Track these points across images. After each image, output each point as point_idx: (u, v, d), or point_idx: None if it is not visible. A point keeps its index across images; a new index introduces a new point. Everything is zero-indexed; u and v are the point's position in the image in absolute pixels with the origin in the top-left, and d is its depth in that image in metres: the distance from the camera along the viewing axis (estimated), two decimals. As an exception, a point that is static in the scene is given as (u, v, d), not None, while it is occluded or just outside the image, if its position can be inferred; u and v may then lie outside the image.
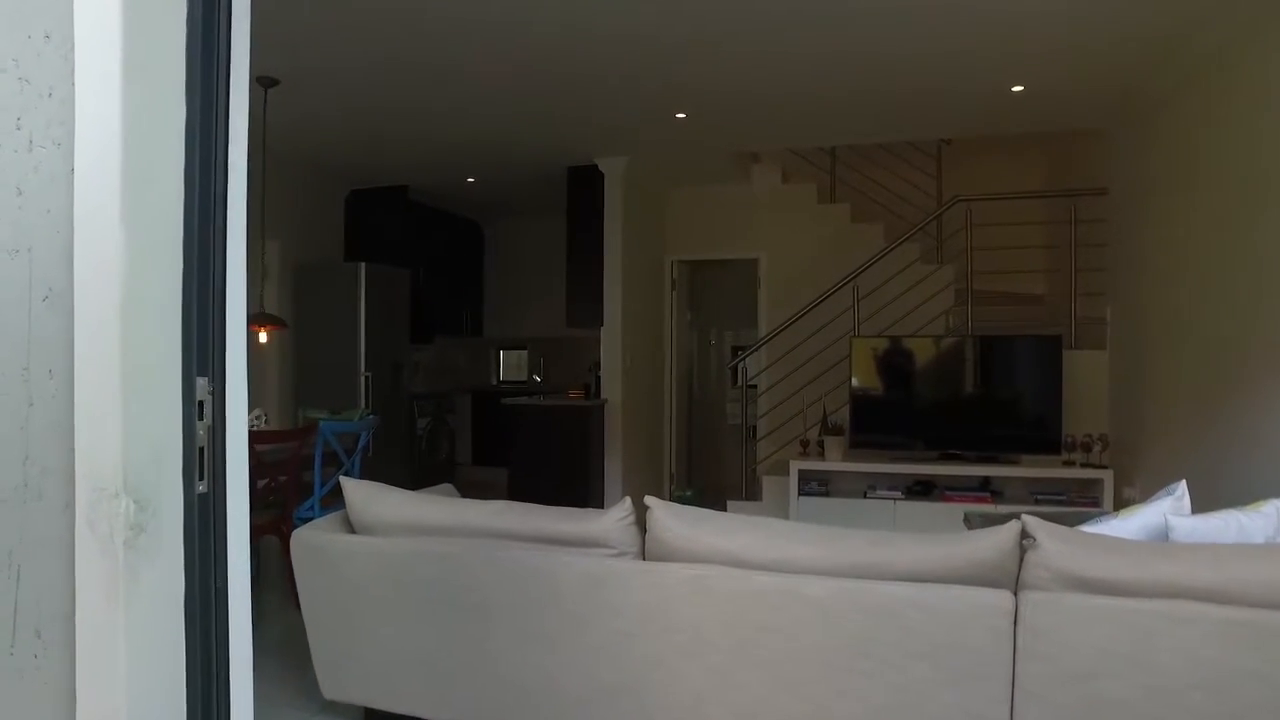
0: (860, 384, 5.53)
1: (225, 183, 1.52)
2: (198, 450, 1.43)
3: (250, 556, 3.92)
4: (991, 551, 1.96)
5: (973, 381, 5.35)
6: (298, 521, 4.14)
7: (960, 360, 5.39)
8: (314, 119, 5.13)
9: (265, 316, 4.26)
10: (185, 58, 1.40)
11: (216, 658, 1.46)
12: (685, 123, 5.20)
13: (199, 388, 1.44)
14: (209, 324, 1.48)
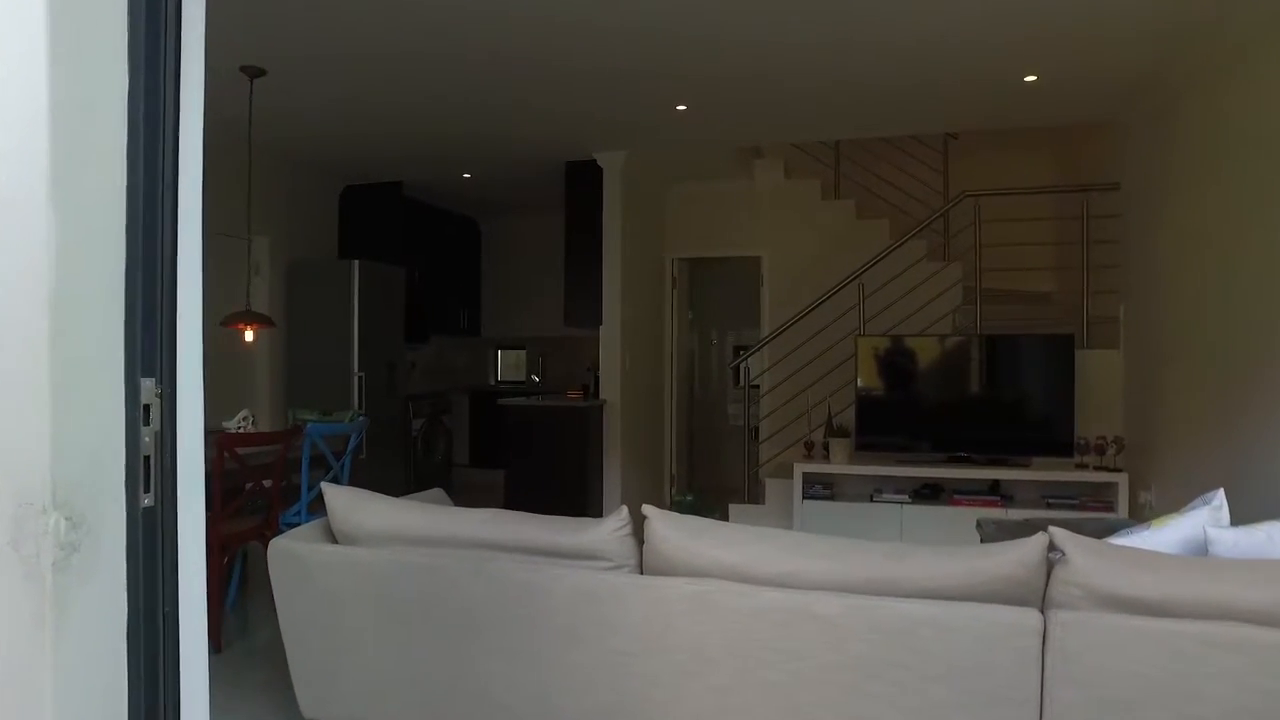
0: (866, 384, 5.38)
1: (175, 163, 1.37)
2: (143, 459, 1.28)
3: (236, 562, 3.76)
4: (1016, 567, 1.81)
5: (981, 382, 5.20)
6: (284, 527, 3.99)
7: (969, 360, 5.24)
8: (305, 112, 4.99)
9: (252, 315, 4.12)
10: (127, 19, 1.25)
11: (165, 692, 1.32)
12: (686, 115, 5.06)
13: (144, 390, 1.29)
14: (157, 319, 1.34)
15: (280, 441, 3.73)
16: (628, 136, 5.54)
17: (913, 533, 5.02)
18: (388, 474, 6.48)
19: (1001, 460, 5.11)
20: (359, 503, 2.54)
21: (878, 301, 5.95)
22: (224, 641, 3.55)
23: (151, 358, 1.32)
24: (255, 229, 6.11)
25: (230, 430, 4.47)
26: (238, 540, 3.63)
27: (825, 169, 6.84)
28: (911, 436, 5.30)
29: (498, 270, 8.68)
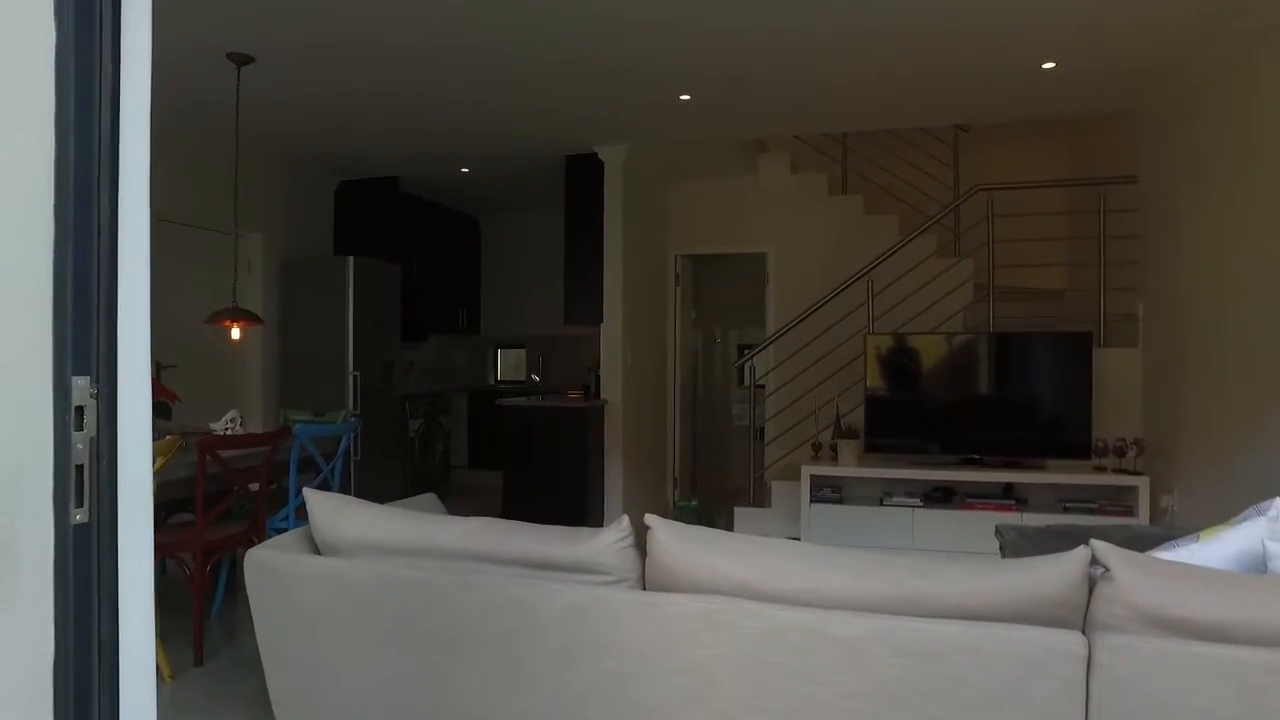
0: (875, 384, 5.22)
1: (114, 131, 1.22)
2: (74, 469, 1.13)
3: (222, 569, 3.59)
4: (1056, 584, 1.65)
5: (995, 382, 5.04)
6: (271, 532, 3.84)
7: (981, 359, 5.08)
8: (297, 103, 4.83)
9: (238, 311, 3.97)
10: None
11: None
12: (689, 106, 4.89)
13: (76, 389, 1.13)
14: (92, 309, 1.18)
15: (267, 444, 3.57)
16: (630, 129, 5.38)
17: (924, 538, 4.86)
18: (384, 476, 6.32)
19: (1016, 463, 4.94)
20: (343, 510, 2.38)
21: (887, 299, 5.80)
22: (207, 652, 3.39)
23: (85, 353, 1.17)
24: (248, 225, 5.97)
25: (217, 432, 4.32)
26: (222, 547, 3.48)
27: (832, 163, 6.68)
28: (922, 438, 5.13)
29: (497, 268, 8.52)
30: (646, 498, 6.33)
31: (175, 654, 3.34)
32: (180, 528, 3.50)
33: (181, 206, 5.38)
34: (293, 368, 6.16)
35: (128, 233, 1.21)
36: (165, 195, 5.40)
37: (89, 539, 1.14)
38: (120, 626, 1.17)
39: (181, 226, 5.52)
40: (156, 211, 4.50)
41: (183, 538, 3.36)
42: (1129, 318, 5.23)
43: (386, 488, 6.31)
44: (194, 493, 3.30)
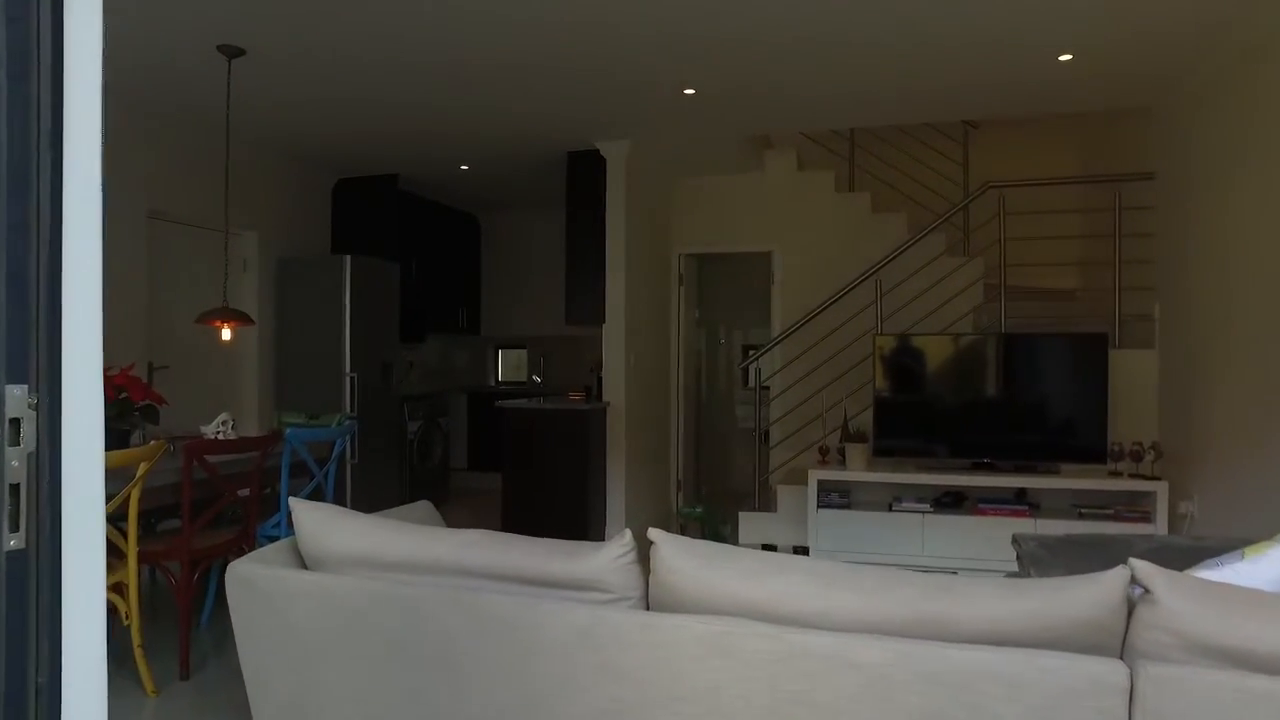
0: (884, 386, 5.08)
1: (55, 117, 1.09)
2: (8, 488, 1.01)
3: (212, 575, 3.46)
4: (1093, 607, 1.52)
5: (1007, 384, 4.90)
6: (262, 539, 3.72)
7: (993, 361, 4.94)
8: (291, 98, 4.71)
9: (228, 311, 3.84)
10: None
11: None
12: (694, 101, 4.77)
13: (10, 399, 1.01)
14: (30, 312, 1.06)
15: (257, 448, 3.45)
16: (632, 124, 5.25)
17: (935, 544, 4.73)
18: (381, 479, 6.21)
19: (1028, 467, 4.81)
20: (330, 521, 2.25)
21: (895, 299, 5.67)
22: (194, 664, 3.27)
23: (22, 359, 1.05)
24: (243, 223, 5.86)
25: (208, 436, 4.20)
26: (210, 555, 3.35)
27: (839, 160, 6.55)
28: (932, 442, 5.00)
29: (498, 267, 8.40)
30: (649, 502, 6.20)
31: (160, 666, 3.22)
32: (167, 535, 3.38)
33: (176, 204, 5.27)
34: (289, 369, 6.05)
35: (74, 223, 1.09)
36: (160, 192, 5.30)
37: (25, 567, 1.02)
38: (63, 670, 1.05)
39: (176, 224, 5.41)
40: (150, 209, 4.37)
41: (169, 546, 3.24)
42: (1144, 318, 5.10)
43: (384, 491, 6.19)
44: (181, 499, 3.18)
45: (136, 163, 5.01)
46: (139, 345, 5.03)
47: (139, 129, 4.99)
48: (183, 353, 5.39)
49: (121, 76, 4.28)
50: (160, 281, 5.29)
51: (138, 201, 5.02)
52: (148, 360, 5.14)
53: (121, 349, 4.92)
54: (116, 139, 4.88)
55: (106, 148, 1.22)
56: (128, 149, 4.94)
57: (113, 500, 2.88)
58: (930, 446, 5.00)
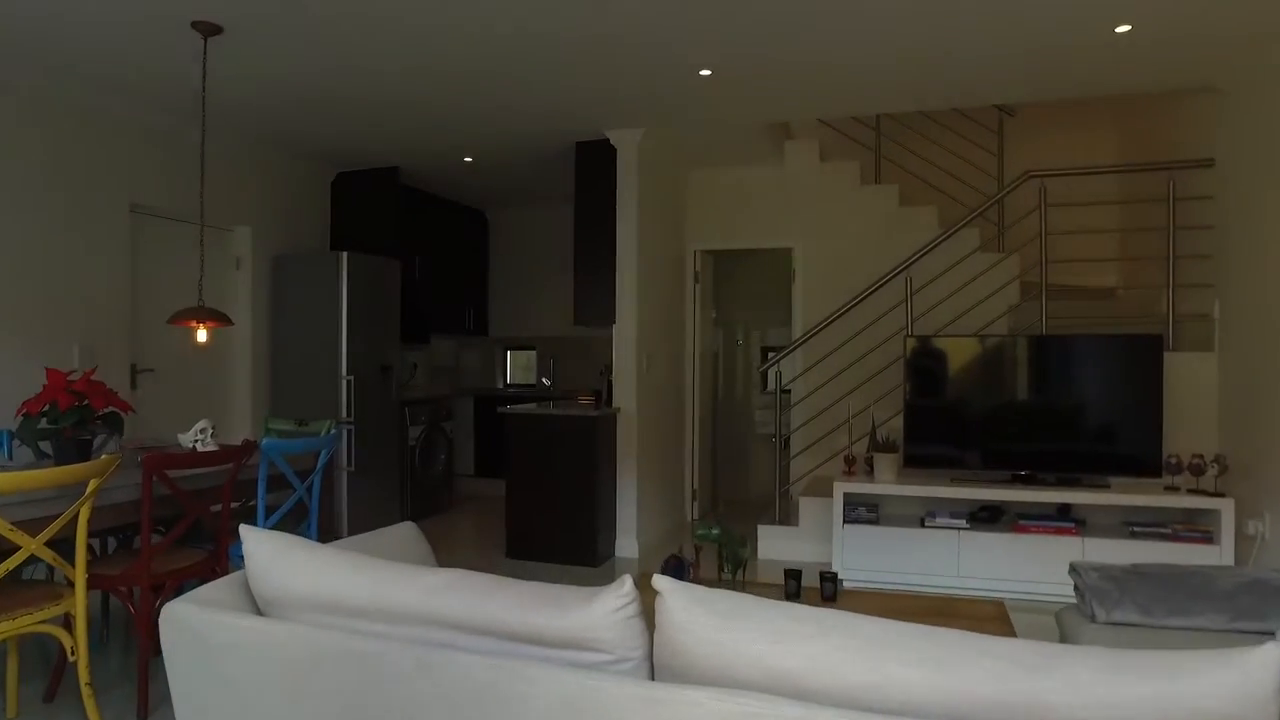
0: (916, 392, 4.71)
1: None
2: None
3: None
4: (1235, 700, 1.16)
5: (1050, 390, 4.51)
6: (235, 560, 3.40)
7: (1034, 364, 4.56)
8: (279, 83, 4.40)
9: (204, 311, 3.53)
10: None
11: None
12: (710, 84, 4.42)
13: None
14: None
15: (227, 461, 3.13)
16: (644, 110, 4.91)
17: (972, 564, 4.35)
18: (379, 488, 5.89)
19: (1073, 480, 4.42)
20: (284, 555, 1.92)
21: (925, 298, 5.31)
22: (153, 703, 2.95)
23: None
24: (235, 218, 5.57)
25: (185, 445, 3.90)
26: (176, 579, 3.04)
27: (865, 151, 6.18)
28: (967, 451, 4.62)
29: (506, 265, 8.08)
30: (662, 513, 5.86)
31: (116, 706, 2.91)
32: (125, 556, 3.07)
33: (161, 197, 4.97)
34: (283, 372, 5.74)
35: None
36: (143, 185, 5.02)
37: None
38: None
39: (163, 219, 5.11)
40: (132, 203, 3.93)
41: (127, 569, 2.92)
42: (1200, 318, 4.70)
43: (382, 502, 5.88)
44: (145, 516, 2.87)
45: (117, 154, 4.72)
46: (122, 347, 4.74)
47: (117, 117, 4.70)
48: (170, 355, 5.10)
49: (96, 60, 3.99)
50: (146, 280, 4.99)
51: (118, 195, 4.73)
52: (131, 363, 4.86)
53: (104, 351, 4.63)
54: (94, 128, 4.62)
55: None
56: (106, 139, 4.65)
57: (57, 520, 2.57)
58: (965, 457, 4.62)
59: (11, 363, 4.16)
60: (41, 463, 3.22)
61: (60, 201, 4.40)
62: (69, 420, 3.06)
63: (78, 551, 2.66)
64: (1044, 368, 4.54)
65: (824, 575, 3.15)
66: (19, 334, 4.21)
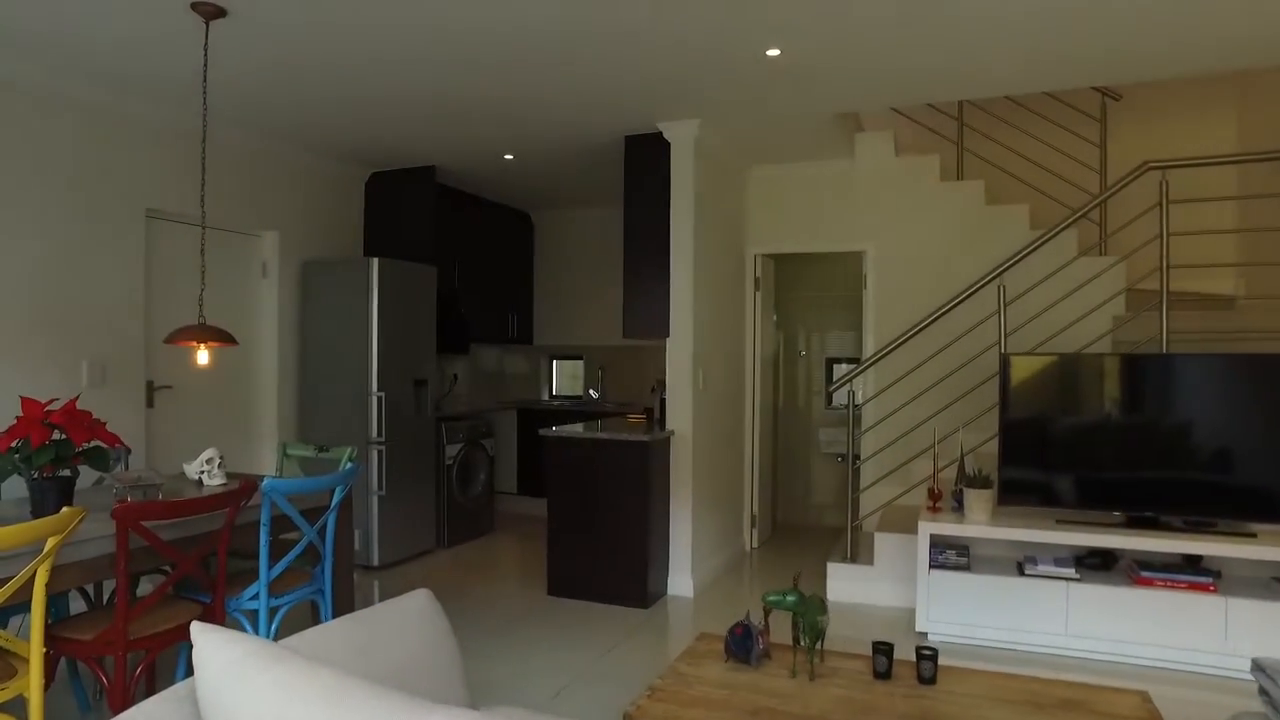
0: (1013, 418, 4.10)
1: None
2: None
3: (181, 660, 2.63)
4: None
5: (1175, 418, 3.86)
6: (235, 617, 2.98)
7: (1157, 388, 3.91)
8: (298, 75, 3.98)
9: (206, 330, 3.12)
10: None
11: None
12: (777, 67, 3.88)
13: None
14: None
15: (222, 506, 2.71)
16: (702, 99, 4.39)
17: (1085, 622, 3.72)
18: (413, 513, 5.48)
19: (1207, 524, 3.77)
20: (241, 676, 1.46)
21: (1019, 309, 4.69)
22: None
23: None
24: (263, 222, 5.20)
25: (190, 477, 3.50)
26: (160, 643, 2.62)
27: (945, 144, 5.56)
28: (1074, 488, 4.00)
29: (552, 269, 7.63)
30: (719, 544, 5.33)
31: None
32: (103, 614, 2.66)
33: (181, 203, 4.61)
34: (310, 387, 5.36)
35: None
36: (161, 190, 4.67)
37: None
38: None
39: (181, 225, 4.76)
40: (148, 207, 3.28)
41: (101, 635, 2.51)
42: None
43: (416, 527, 5.46)
44: (117, 574, 2.45)
45: (132, 155, 4.36)
46: (136, 363, 4.39)
47: (130, 116, 4.35)
48: (189, 371, 4.74)
49: (101, 54, 3.62)
50: (163, 290, 4.64)
51: (134, 199, 4.37)
52: (147, 380, 4.51)
53: (117, 368, 4.28)
54: (105, 128, 4.26)
55: None
56: (119, 139, 4.30)
57: (8, 585, 2.16)
58: (1070, 494, 4.00)
59: (13, 382, 3.82)
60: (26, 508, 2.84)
61: (70, 206, 4.06)
62: (43, 459, 2.66)
63: (33, 619, 2.25)
64: (1166, 392, 3.89)
65: (922, 652, 2.60)
66: (22, 350, 3.86)
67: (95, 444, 2.86)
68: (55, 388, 3.97)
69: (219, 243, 4.99)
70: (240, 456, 5.11)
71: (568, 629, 4.13)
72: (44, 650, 2.25)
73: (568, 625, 4.19)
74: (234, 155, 4.96)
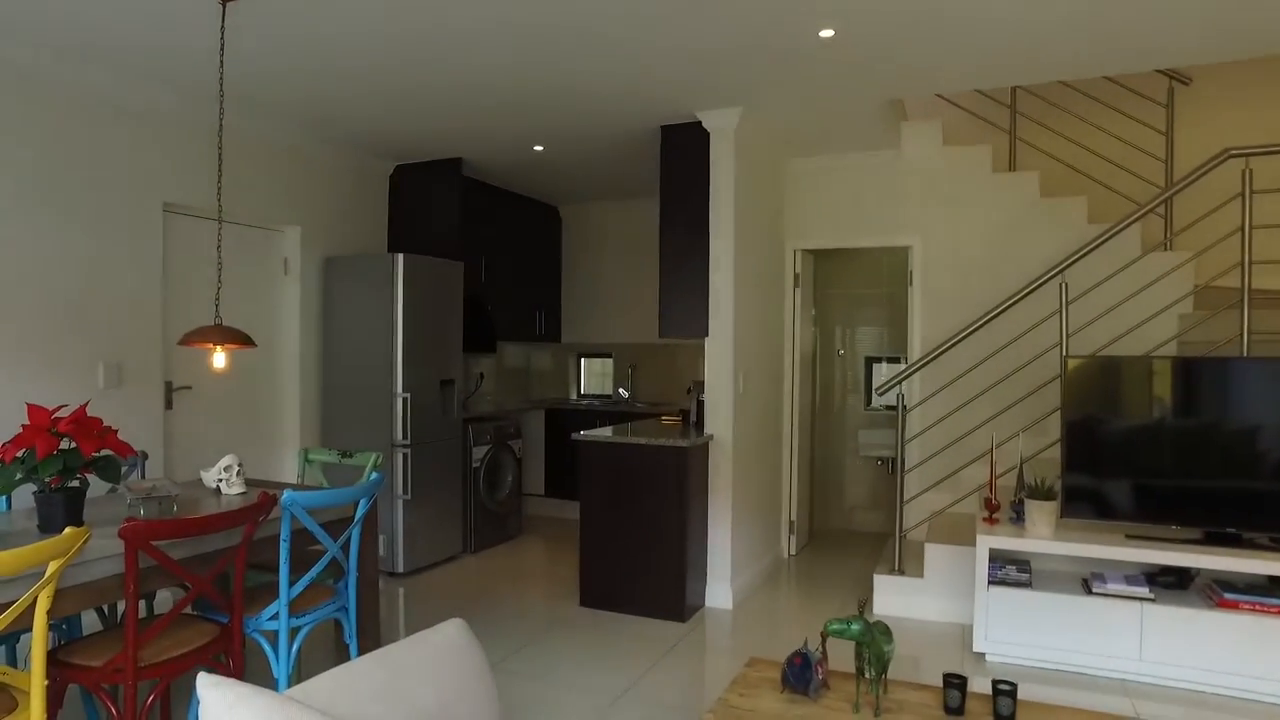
0: (1077, 425, 3.83)
1: None
2: None
3: (194, 699, 2.41)
4: None
5: (1260, 426, 3.58)
6: (254, 637, 2.80)
7: (1240, 393, 3.63)
8: (323, 60, 3.79)
9: (221, 331, 2.93)
10: None
11: None
12: (829, 49, 3.63)
13: None
14: None
15: (237, 523, 2.51)
16: (745, 85, 4.14)
17: (1161, 647, 3.45)
18: (439, 517, 5.29)
19: (1294, 541, 3.49)
20: None
21: (1080, 309, 4.41)
22: (143, 829, 2.36)
23: None
24: (284, 217, 5.03)
25: (208, 485, 3.33)
26: (175, 670, 2.43)
27: (997, 133, 5.27)
28: (1148, 501, 3.72)
29: (581, 265, 7.41)
30: (757, 552, 5.10)
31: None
32: (113, 637, 2.47)
33: (199, 196, 4.44)
34: (334, 387, 5.18)
35: None
36: (178, 183, 4.51)
37: None
38: None
39: (200, 220, 4.59)
40: (165, 203, 3.03)
41: (109, 663, 2.32)
42: None
43: (442, 531, 5.28)
44: (127, 597, 2.27)
45: (148, 146, 4.19)
46: (154, 363, 4.22)
47: (146, 106, 4.17)
48: (209, 371, 4.57)
49: (113, 38, 3.44)
50: (181, 287, 4.47)
51: (150, 193, 4.20)
52: (166, 380, 4.35)
53: (134, 368, 4.12)
54: (121, 118, 4.08)
55: None
56: (136, 130, 4.13)
57: (6, 614, 1.98)
58: (1143, 507, 3.72)
59: (26, 384, 3.66)
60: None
61: (83, 200, 3.89)
62: (49, 471, 2.48)
63: (34, 651, 2.07)
64: (1249, 398, 3.61)
65: (999, 687, 2.36)
66: (36, 350, 3.70)
67: (105, 454, 2.69)
68: (70, 389, 3.81)
69: (238, 238, 4.82)
70: (261, 460, 4.94)
71: (602, 645, 3.92)
72: (45, 682, 2.07)
73: (602, 641, 3.98)
74: (253, 147, 4.78)
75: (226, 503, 3.07)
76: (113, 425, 3.51)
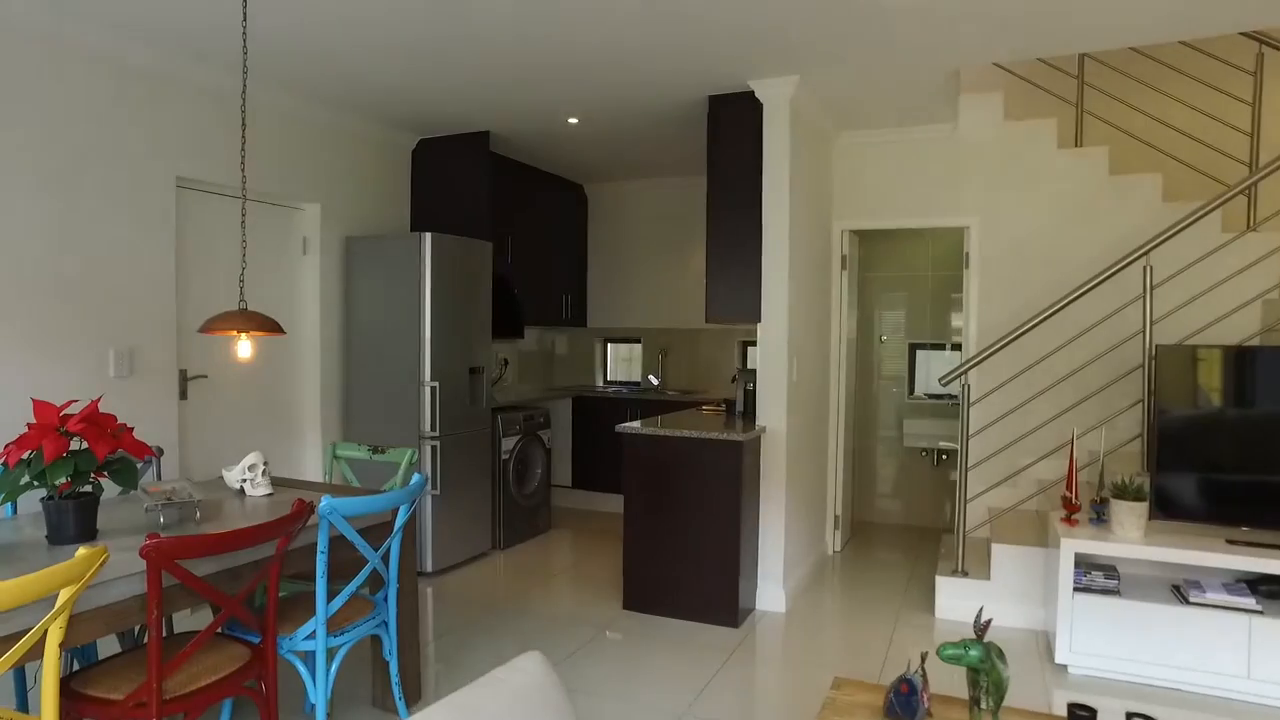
0: (1173, 421, 3.53)
1: None
2: None
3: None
4: None
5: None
6: (288, 659, 2.52)
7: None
8: (341, 29, 3.46)
9: (247, 317, 2.63)
10: None
11: None
12: (902, 9, 3.29)
13: None
14: None
15: (272, 536, 2.23)
16: (809, 52, 3.81)
17: (1274, 662, 3.17)
18: (470, 512, 5.01)
19: None
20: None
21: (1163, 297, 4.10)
22: None
23: None
24: (303, 195, 4.71)
25: (231, 484, 3.04)
26: (204, 700, 2.15)
27: (1063, 106, 4.93)
28: (1252, 503, 3.43)
29: (606, 246, 7.09)
30: (805, 551, 4.82)
31: None
32: (136, 663, 2.19)
33: (215, 171, 4.12)
34: (357, 375, 4.89)
35: None
36: (193, 157, 4.19)
37: None
38: None
39: (215, 196, 4.27)
40: (179, 178, 2.67)
41: (131, 696, 2.04)
42: None
43: (471, 528, 5.00)
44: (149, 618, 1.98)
45: (158, 115, 3.87)
46: (168, 350, 3.93)
47: (159, 74, 3.84)
48: (225, 358, 4.28)
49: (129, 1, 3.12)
50: (195, 269, 4.16)
51: (162, 167, 3.89)
52: (180, 369, 4.05)
53: (146, 355, 3.82)
54: (131, 87, 3.74)
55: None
56: (147, 100, 3.81)
57: (12, 652, 1.69)
58: (1245, 510, 3.43)
59: (32, 374, 3.37)
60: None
61: (92, 174, 3.58)
62: (59, 474, 2.19)
63: (44, 690, 1.78)
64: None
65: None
66: (41, 337, 3.40)
67: (120, 455, 2.39)
68: (79, 379, 3.52)
69: (254, 216, 4.50)
70: (280, 453, 4.66)
71: (653, 653, 3.64)
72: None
73: (653, 649, 3.70)
74: (269, 118, 4.46)
75: (252, 506, 2.79)
76: (124, 418, 3.22)
